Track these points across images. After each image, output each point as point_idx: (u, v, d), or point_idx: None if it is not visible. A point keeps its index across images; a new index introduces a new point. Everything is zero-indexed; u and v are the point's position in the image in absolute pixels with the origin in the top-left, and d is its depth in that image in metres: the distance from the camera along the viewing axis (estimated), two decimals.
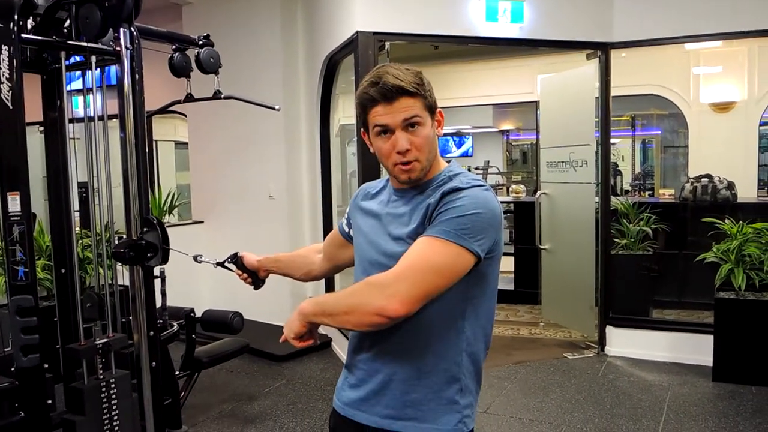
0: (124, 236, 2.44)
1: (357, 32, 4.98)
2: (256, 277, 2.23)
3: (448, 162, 1.78)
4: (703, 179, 6.57)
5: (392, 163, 1.69)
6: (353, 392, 1.77)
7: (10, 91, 2.70)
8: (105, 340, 2.96)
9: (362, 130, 1.77)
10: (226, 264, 2.21)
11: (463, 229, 1.55)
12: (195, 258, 2.22)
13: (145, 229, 2.32)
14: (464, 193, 1.60)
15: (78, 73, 3.32)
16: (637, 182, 11.48)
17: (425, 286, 1.53)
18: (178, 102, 4.27)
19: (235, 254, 2.18)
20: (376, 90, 1.64)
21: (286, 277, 2.22)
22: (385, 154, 1.69)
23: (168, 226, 7.10)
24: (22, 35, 2.84)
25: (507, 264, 8.21)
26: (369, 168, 4.75)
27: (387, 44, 5.07)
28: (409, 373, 1.67)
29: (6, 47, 2.68)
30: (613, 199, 6.17)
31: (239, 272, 2.18)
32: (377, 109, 1.65)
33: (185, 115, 7.78)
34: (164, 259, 2.30)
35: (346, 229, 1.96)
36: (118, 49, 2.55)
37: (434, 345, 1.65)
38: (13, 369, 2.81)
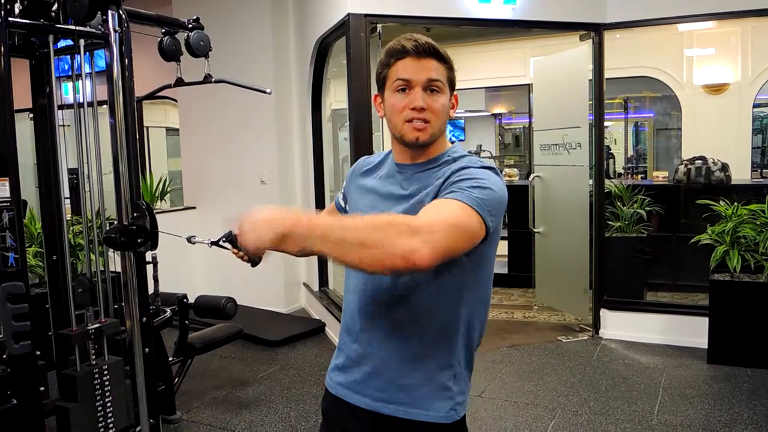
0: (116, 222, 2.41)
1: (348, 14, 4.94)
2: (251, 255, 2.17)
3: (453, 143, 1.77)
4: (697, 161, 6.57)
5: (404, 119, 1.64)
6: (347, 373, 1.76)
7: None
8: (97, 326, 2.95)
9: (375, 94, 1.75)
10: (221, 243, 2.17)
11: (481, 199, 1.49)
12: (189, 239, 2.18)
13: (135, 214, 2.29)
14: (478, 171, 1.58)
15: (67, 67, 3.28)
16: (630, 165, 11.48)
17: (452, 242, 1.41)
18: (169, 86, 4.22)
19: (230, 232, 2.14)
20: (410, 43, 1.63)
21: (283, 252, 2.18)
22: (398, 110, 1.65)
23: (160, 212, 7.07)
24: (9, 19, 2.80)
25: (500, 248, 8.14)
26: (362, 153, 4.72)
27: (379, 26, 5.03)
28: (403, 358, 1.65)
29: None
30: (607, 181, 6.16)
31: (235, 250, 2.13)
32: (405, 62, 1.64)
33: (176, 101, 7.72)
34: (153, 245, 2.27)
35: (343, 204, 1.92)
36: (106, 32, 2.51)
37: (430, 330, 1.63)
38: (5, 356, 2.78)
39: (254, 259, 2.12)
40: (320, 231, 1.38)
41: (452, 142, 1.76)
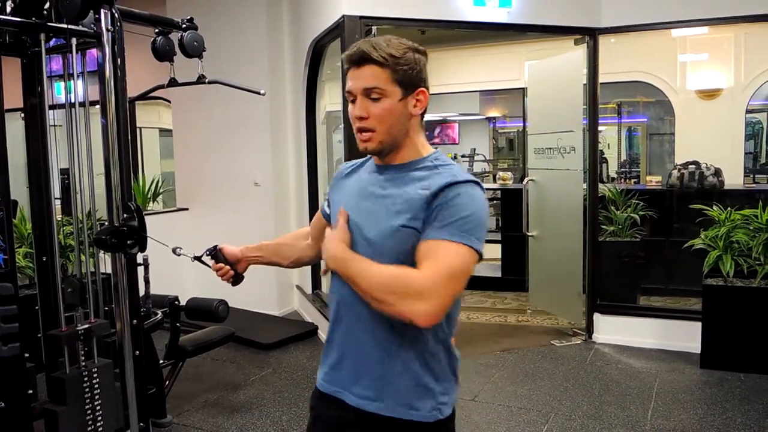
0: (106, 223, 2.39)
1: (343, 16, 4.92)
2: (237, 270, 2.11)
3: (435, 149, 1.76)
4: (690, 166, 6.58)
5: (354, 130, 1.70)
6: (333, 370, 1.78)
7: None
8: (87, 326, 2.92)
9: None
10: (203, 258, 2.12)
11: (470, 229, 1.57)
12: (174, 250, 2.15)
13: (126, 216, 2.27)
14: (463, 189, 1.60)
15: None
16: (623, 170, 11.50)
17: (455, 292, 1.57)
18: (162, 87, 4.21)
19: (215, 247, 2.09)
20: (347, 54, 1.67)
21: (272, 266, 2.15)
22: (351, 120, 1.70)
23: (152, 214, 7.05)
24: (1, 17, 2.78)
25: (494, 251, 8.20)
26: (356, 155, 4.69)
27: (374, 28, 5.01)
28: (386, 357, 1.67)
29: None
30: (600, 185, 6.16)
31: (218, 266, 2.08)
32: (349, 73, 1.68)
33: (169, 102, 7.70)
34: (142, 247, 2.25)
35: (328, 211, 1.91)
36: (99, 31, 2.49)
37: (410, 332, 1.64)
38: None
39: (238, 277, 2.08)
40: (350, 273, 1.61)
41: (435, 149, 1.77)
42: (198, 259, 2.14)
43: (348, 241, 1.67)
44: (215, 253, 2.06)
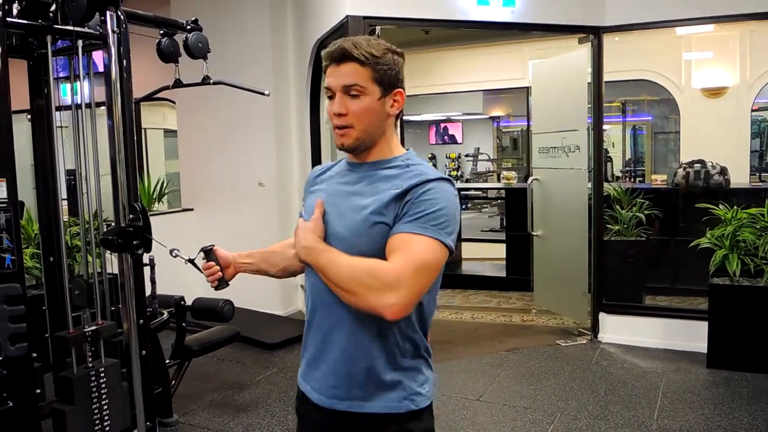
0: (113, 224, 2.40)
1: (347, 16, 4.93)
2: (224, 275, 2.06)
3: (408, 149, 1.78)
4: (695, 164, 6.56)
5: (333, 126, 1.70)
6: (308, 370, 1.79)
7: None
8: (94, 328, 2.93)
9: None
10: (196, 261, 2.11)
11: (440, 224, 1.59)
12: (171, 251, 2.14)
13: (132, 216, 2.28)
14: (434, 185, 1.62)
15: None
16: (627, 168, 11.49)
17: (423, 285, 1.57)
18: (167, 88, 4.22)
19: (212, 246, 2.07)
20: (327, 51, 1.68)
21: (261, 275, 2.13)
22: (328, 116, 1.71)
23: (158, 214, 7.05)
24: (8, 19, 2.79)
25: (499, 251, 8.20)
26: None
27: (378, 29, 5.02)
28: (356, 354, 1.67)
29: None
30: (605, 184, 6.15)
31: (208, 265, 2.05)
32: (329, 70, 1.68)
33: (174, 103, 7.71)
34: (147, 248, 2.26)
35: (305, 217, 1.87)
36: (104, 33, 2.50)
37: (378, 327, 1.65)
38: (1, 358, 2.77)
39: (223, 281, 2.06)
40: (320, 264, 1.63)
41: (407, 150, 1.78)
42: (191, 261, 2.13)
43: (321, 233, 1.68)
44: (208, 252, 2.05)
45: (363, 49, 1.64)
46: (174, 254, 2.15)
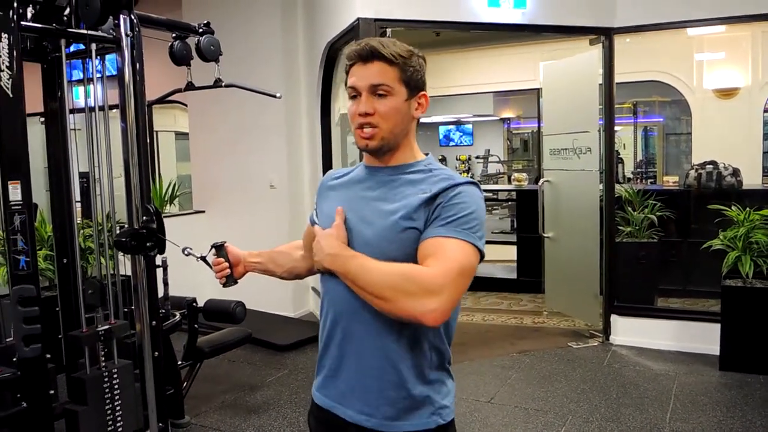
0: (126, 226, 2.41)
1: (358, 19, 4.94)
2: (233, 272, 2.07)
3: (426, 154, 1.75)
4: (707, 166, 6.52)
5: (355, 126, 1.66)
6: (329, 381, 1.73)
7: (10, 80, 2.68)
8: (107, 327, 2.95)
9: None
10: (207, 258, 2.12)
11: (472, 227, 1.56)
12: (183, 250, 2.16)
13: (145, 218, 2.29)
14: (464, 188, 1.60)
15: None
16: (638, 170, 11.44)
17: (461, 290, 1.53)
18: (179, 90, 4.25)
19: (224, 242, 2.07)
20: (355, 49, 1.64)
21: (268, 275, 2.12)
22: (351, 117, 1.66)
23: (169, 216, 7.08)
24: (22, 23, 2.82)
25: (510, 253, 8.18)
26: None
27: (389, 31, 5.02)
28: (386, 367, 1.62)
29: (6, 35, 2.65)
30: (617, 186, 6.13)
31: (218, 260, 2.05)
32: (354, 69, 1.64)
33: (185, 105, 7.75)
34: (160, 249, 2.27)
35: (317, 221, 1.83)
36: (118, 36, 2.51)
37: (409, 338, 1.61)
38: (15, 359, 2.79)
39: (231, 278, 2.07)
40: (348, 270, 1.56)
41: (426, 154, 1.75)
42: (203, 259, 2.14)
43: (345, 240, 1.63)
44: (219, 248, 2.05)
45: (391, 49, 1.61)
46: (186, 252, 2.17)
